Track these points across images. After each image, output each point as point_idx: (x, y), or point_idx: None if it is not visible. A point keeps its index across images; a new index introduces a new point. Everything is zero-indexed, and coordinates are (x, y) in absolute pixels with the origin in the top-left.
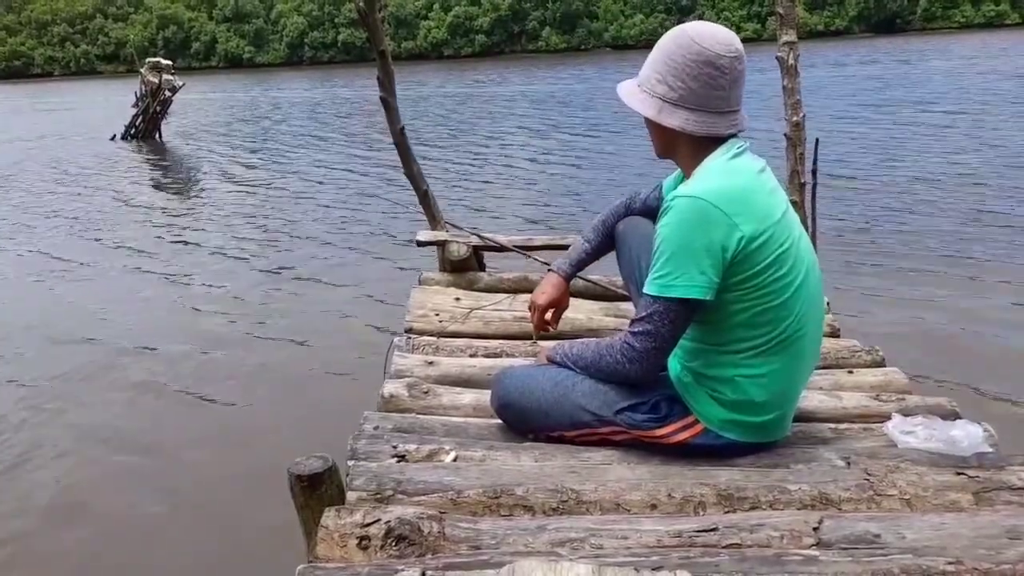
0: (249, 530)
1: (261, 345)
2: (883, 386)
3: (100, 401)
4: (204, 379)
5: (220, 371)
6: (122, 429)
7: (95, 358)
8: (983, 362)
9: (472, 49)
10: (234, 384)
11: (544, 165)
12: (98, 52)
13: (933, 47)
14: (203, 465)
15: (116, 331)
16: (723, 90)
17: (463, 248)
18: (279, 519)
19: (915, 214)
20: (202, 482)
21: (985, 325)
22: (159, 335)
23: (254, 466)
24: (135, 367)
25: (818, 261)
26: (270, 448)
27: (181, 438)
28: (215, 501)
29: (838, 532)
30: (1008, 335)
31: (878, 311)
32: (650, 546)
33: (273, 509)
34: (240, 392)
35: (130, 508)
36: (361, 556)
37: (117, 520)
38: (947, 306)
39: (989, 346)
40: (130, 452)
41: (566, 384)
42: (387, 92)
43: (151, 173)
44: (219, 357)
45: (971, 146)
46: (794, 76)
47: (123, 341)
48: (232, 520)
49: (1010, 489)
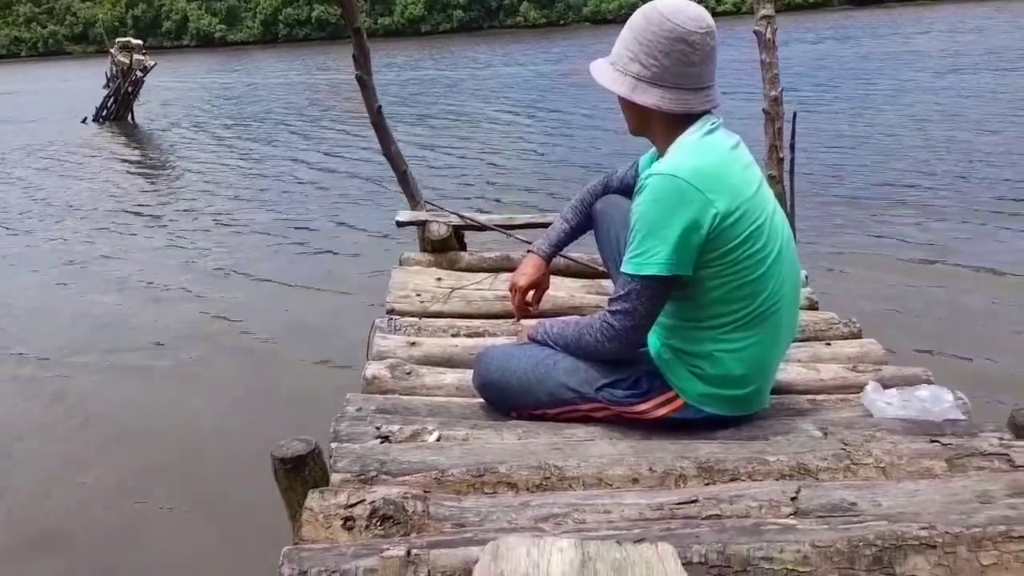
0: (233, 514)
1: (240, 328)
2: (860, 357)
3: (77, 387)
4: (183, 363)
5: (199, 355)
6: (103, 414)
7: (67, 342)
8: (958, 332)
9: (450, 25)
10: (214, 368)
11: (523, 143)
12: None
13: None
14: (186, 450)
15: (92, 316)
16: (695, 66)
17: (443, 228)
18: (263, 502)
19: (892, 188)
20: (185, 467)
21: (960, 296)
22: (137, 320)
23: (237, 450)
24: (113, 352)
25: (797, 234)
26: (253, 432)
27: (161, 423)
28: (199, 486)
29: (815, 501)
30: (983, 306)
31: (856, 283)
32: (632, 519)
33: (257, 492)
34: (221, 376)
35: (114, 494)
36: (346, 536)
37: (99, 507)
38: (924, 278)
39: (964, 316)
40: (111, 438)
41: (547, 362)
42: (363, 70)
43: (125, 156)
44: (197, 341)
45: (946, 119)
46: (772, 50)
47: (100, 326)
48: (216, 504)
49: (981, 455)
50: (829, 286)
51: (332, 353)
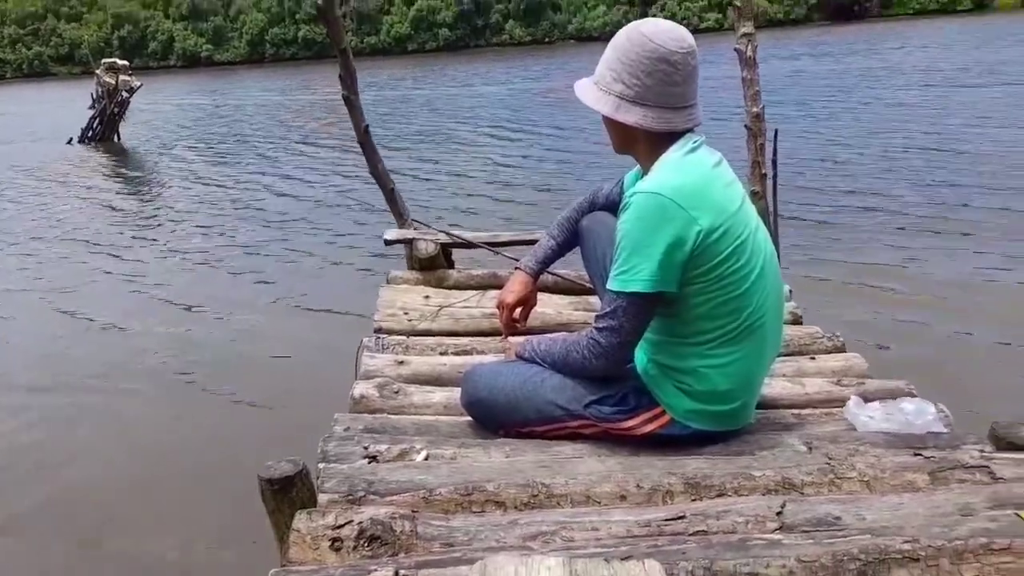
0: (221, 535)
1: (227, 349)
2: (844, 371)
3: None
4: (169, 383)
5: (185, 375)
6: (84, 437)
7: (50, 361)
8: (940, 345)
9: (436, 44)
10: (201, 388)
11: (510, 161)
12: (51, 53)
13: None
14: (172, 471)
15: (75, 336)
16: (678, 86)
17: (431, 246)
18: (250, 523)
19: (873, 202)
20: (171, 488)
21: (941, 308)
22: (119, 340)
23: (224, 470)
24: (96, 372)
25: (780, 249)
26: (240, 452)
27: (148, 443)
28: (186, 507)
29: (800, 515)
30: (964, 319)
31: (839, 297)
32: (620, 536)
33: (244, 514)
34: (208, 396)
35: (98, 515)
36: (334, 558)
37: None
38: (904, 291)
39: (946, 329)
40: (94, 457)
41: (535, 380)
42: (350, 90)
43: (111, 177)
44: (184, 361)
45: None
46: (753, 67)
47: (82, 345)
48: (203, 526)
49: (963, 468)
50: (812, 300)
51: (319, 371)
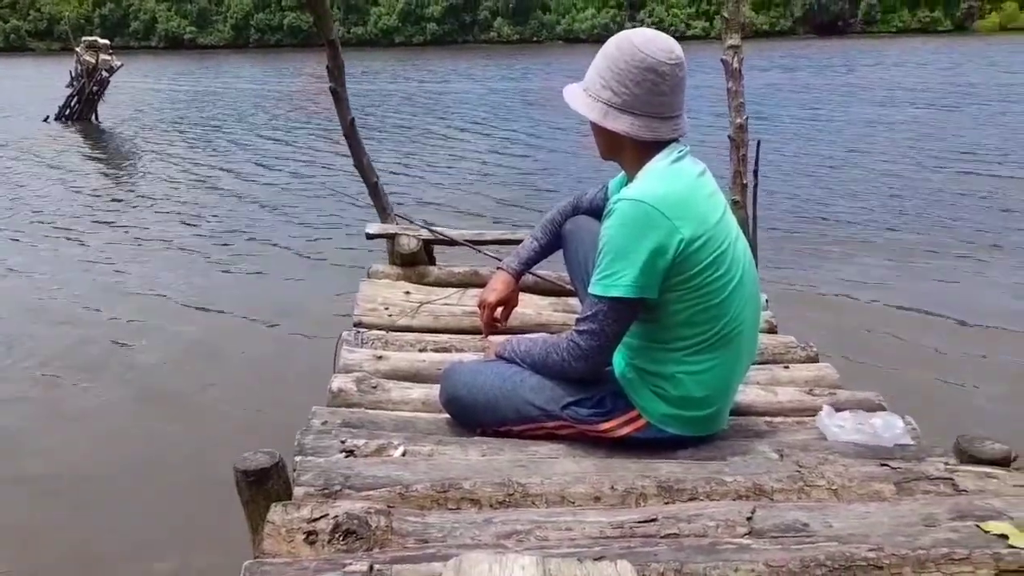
0: (194, 527)
1: (205, 339)
2: (816, 381)
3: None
4: (145, 374)
5: (163, 366)
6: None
7: (22, 346)
8: (910, 358)
9: (424, 37)
10: (179, 379)
11: (495, 160)
12: (30, 28)
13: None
14: (148, 462)
15: (49, 322)
16: (665, 95)
17: (413, 241)
18: (225, 515)
19: (850, 216)
20: (146, 479)
21: (912, 324)
22: (95, 327)
23: (200, 462)
24: (68, 358)
25: (759, 258)
26: (216, 444)
27: (123, 434)
28: (160, 498)
29: (770, 521)
30: (934, 334)
31: (814, 307)
32: (593, 537)
33: (219, 505)
34: (185, 388)
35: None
36: (308, 551)
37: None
38: (878, 303)
39: (915, 344)
40: (70, 448)
41: (514, 379)
42: (337, 83)
43: (87, 157)
44: (160, 353)
45: (902, 147)
46: (738, 79)
47: (58, 331)
48: (177, 516)
49: (928, 479)
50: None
51: (297, 364)
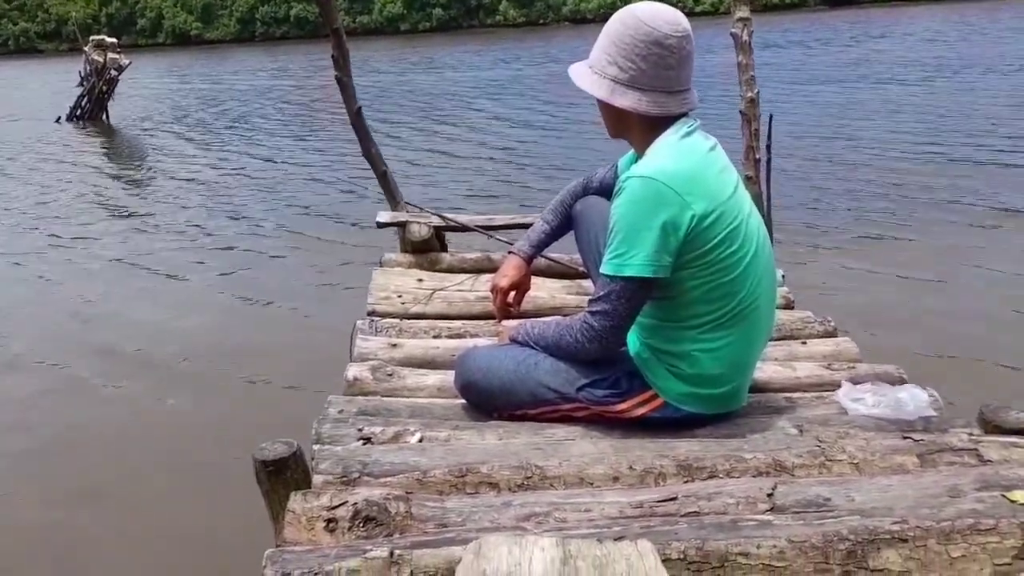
0: (215, 516)
1: (221, 331)
2: (835, 355)
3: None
4: (163, 366)
5: (179, 357)
6: (81, 419)
7: (41, 345)
8: (930, 329)
9: (430, 23)
10: (195, 371)
11: (504, 144)
12: (38, 29)
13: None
14: (165, 453)
15: (67, 318)
16: (672, 69)
17: (424, 229)
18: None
19: (866, 187)
20: (165, 470)
21: (932, 294)
22: (112, 323)
23: (218, 453)
24: (89, 356)
25: (773, 234)
26: (234, 434)
27: (139, 427)
28: (180, 489)
29: (791, 497)
30: (954, 303)
31: (831, 281)
32: (612, 517)
33: (239, 495)
34: (202, 379)
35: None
36: (329, 538)
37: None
38: (897, 276)
39: (936, 314)
40: (92, 442)
41: (528, 363)
42: (342, 71)
43: (99, 156)
44: (177, 344)
45: (920, 120)
46: (748, 52)
47: (77, 329)
48: (197, 507)
49: (952, 450)
50: (804, 284)
51: (313, 354)
